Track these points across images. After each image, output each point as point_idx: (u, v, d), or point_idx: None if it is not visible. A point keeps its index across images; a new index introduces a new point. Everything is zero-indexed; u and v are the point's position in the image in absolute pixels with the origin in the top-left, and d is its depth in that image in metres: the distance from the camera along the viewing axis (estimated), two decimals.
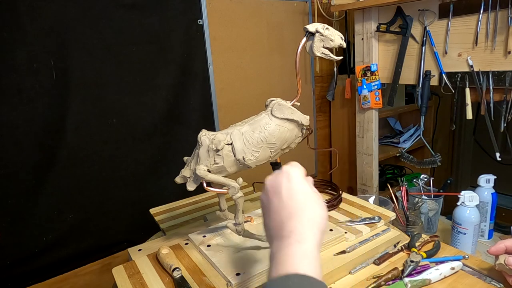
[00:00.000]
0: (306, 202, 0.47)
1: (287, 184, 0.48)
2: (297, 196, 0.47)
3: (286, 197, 0.47)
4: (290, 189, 0.48)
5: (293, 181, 0.48)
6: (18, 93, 1.15)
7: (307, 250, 0.43)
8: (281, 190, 0.48)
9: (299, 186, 0.48)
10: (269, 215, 0.49)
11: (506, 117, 1.19)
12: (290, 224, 0.45)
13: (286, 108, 0.74)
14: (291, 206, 0.46)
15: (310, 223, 0.45)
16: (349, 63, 1.95)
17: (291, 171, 0.50)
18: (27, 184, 1.20)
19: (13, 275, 1.22)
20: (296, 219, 0.45)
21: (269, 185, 0.50)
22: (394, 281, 0.71)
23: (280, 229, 0.45)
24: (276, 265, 0.42)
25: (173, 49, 1.45)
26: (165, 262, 0.74)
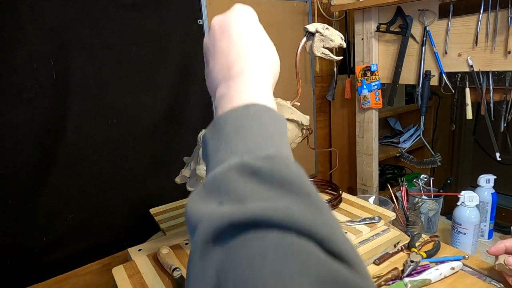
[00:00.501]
0: (259, 43, 0.41)
1: (238, 22, 0.42)
2: (250, 36, 0.41)
3: (236, 36, 0.40)
4: (242, 28, 0.41)
5: (246, 20, 0.42)
6: (18, 93, 1.15)
7: (262, 85, 0.37)
8: (230, 29, 0.41)
9: (252, 25, 0.42)
10: (215, 58, 0.41)
11: (506, 117, 1.19)
12: (241, 64, 0.38)
13: (286, 108, 0.74)
14: (242, 46, 0.40)
15: (263, 63, 0.40)
16: (349, 63, 1.95)
17: (244, 10, 0.43)
18: (27, 184, 1.20)
19: (13, 275, 1.22)
20: (247, 58, 0.39)
21: (217, 25, 0.43)
22: (394, 281, 0.71)
23: (228, 70, 0.39)
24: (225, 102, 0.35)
25: (173, 49, 1.45)
26: (165, 262, 0.74)
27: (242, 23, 0.42)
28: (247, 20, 0.42)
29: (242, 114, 0.32)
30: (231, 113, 0.32)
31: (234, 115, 0.32)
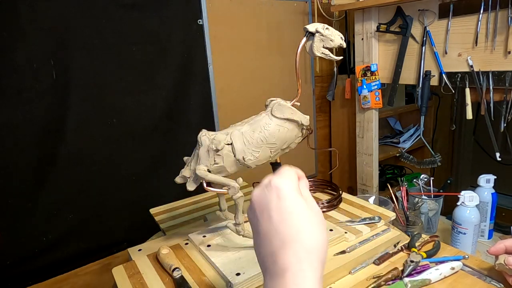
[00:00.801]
0: (301, 227, 0.39)
1: (277, 203, 0.40)
2: (291, 219, 0.39)
3: (277, 221, 0.39)
4: (282, 210, 0.39)
5: (285, 199, 0.40)
6: (18, 93, 1.15)
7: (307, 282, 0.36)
8: (270, 211, 0.40)
9: (292, 205, 0.40)
10: (259, 239, 0.41)
11: (506, 117, 1.19)
12: (284, 258, 0.37)
13: (286, 108, 0.74)
14: (284, 233, 0.38)
15: (308, 254, 0.37)
16: (349, 63, 1.95)
17: (282, 186, 0.41)
18: (27, 184, 1.20)
19: (13, 275, 1.22)
20: (291, 250, 0.37)
21: (256, 203, 0.42)
22: (394, 281, 0.71)
23: (273, 263, 0.38)
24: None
25: (173, 49, 1.45)
26: (165, 262, 0.74)
27: (282, 202, 0.40)
28: (287, 199, 0.40)
29: None
30: None
31: None
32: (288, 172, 0.43)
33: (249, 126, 0.74)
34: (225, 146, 0.71)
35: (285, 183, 0.41)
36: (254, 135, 0.72)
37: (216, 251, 0.77)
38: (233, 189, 0.71)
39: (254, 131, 0.72)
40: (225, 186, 0.72)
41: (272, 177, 0.42)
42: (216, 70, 1.60)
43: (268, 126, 0.73)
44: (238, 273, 0.68)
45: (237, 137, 0.72)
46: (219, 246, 0.79)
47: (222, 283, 0.69)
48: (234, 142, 0.72)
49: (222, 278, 0.70)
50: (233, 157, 0.72)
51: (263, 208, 0.41)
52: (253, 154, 0.72)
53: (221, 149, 0.71)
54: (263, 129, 0.72)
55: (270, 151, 0.74)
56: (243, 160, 0.72)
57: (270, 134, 0.72)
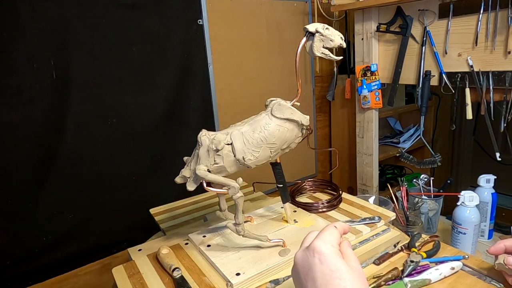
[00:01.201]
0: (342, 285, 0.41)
1: (320, 267, 0.42)
2: (333, 283, 0.41)
3: (321, 285, 0.41)
4: (325, 274, 0.42)
5: (327, 264, 0.42)
6: (18, 93, 1.15)
7: None
8: (314, 274, 0.42)
9: (332, 269, 0.42)
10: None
11: (506, 117, 1.19)
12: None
13: (286, 108, 0.74)
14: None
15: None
16: (349, 63, 1.95)
17: (323, 250, 0.43)
18: (27, 184, 1.20)
19: (13, 275, 1.22)
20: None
21: (300, 265, 0.45)
22: (394, 281, 0.71)
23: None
24: None
25: (173, 49, 1.45)
26: (165, 262, 0.74)
27: (324, 267, 0.42)
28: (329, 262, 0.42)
29: None
30: None
31: None
32: (329, 233, 0.45)
33: (249, 126, 0.74)
34: (225, 146, 0.71)
35: (326, 248, 0.43)
36: (254, 135, 0.72)
37: (216, 251, 0.77)
38: (233, 189, 0.71)
39: (254, 131, 0.72)
40: (225, 186, 0.72)
41: (314, 239, 0.45)
42: (216, 70, 1.60)
43: (268, 126, 0.73)
44: (238, 273, 0.68)
45: (237, 137, 0.72)
46: (219, 246, 0.79)
47: (222, 283, 0.69)
48: (234, 142, 0.72)
49: (222, 278, 0.70)
50: (233, 157, 0.72)
51: (307, 271, 0.43)
52: (253, 154, 0.72)
53: (221, 149, 0.71)
54: (263, 129, 0.72)
55: (270, 151, 0.74)
56: (243, 160, 0.72)
57: (270, 134, 0.72)
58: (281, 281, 0.69)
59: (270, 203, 1.02)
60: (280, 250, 0.75)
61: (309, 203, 0.96)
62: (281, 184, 0.85)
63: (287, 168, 0.86)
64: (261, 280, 0.69)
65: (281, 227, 0.85)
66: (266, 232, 0.81)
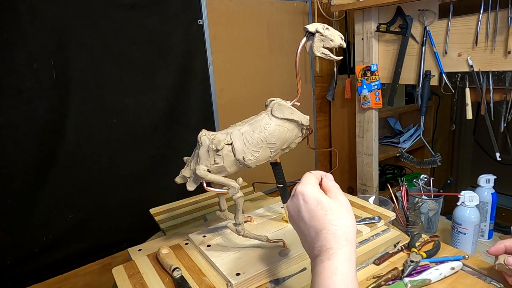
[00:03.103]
0: (327, 217, 0.48)
1: (304, 205, 0.49)
2: (317, 214, 0.48)
3: (308, 219, 0.49)
4: (309, 210, 0.49)
5: (309, 200, 0.49)
6: (18, 93, 1.15)
7: (337, 265, 0.45)
8: (302, 213, 0.50)
9: (316, 203, 0.49)
10: (301, 238, 0.52)
11: (506, 117, 1.19)
12: (317, 244, 0.47)
13: (286, 108, 0.74)
14: (314, 226, 0.48)
15: (335, 236, 0.46)
16: (349, 63, 1.95)
17: (305, 190, 0.50)
18: (27, 184, 1.20)
19: (13, 275, 1.22)
20: (322, 236, 0.47)
21: (291, 211, 0.52)
22: (394, 281, 0.71)
23: (311, 250, 0.48)
24: (313, 284, 0.46)
25: (173, 49, 1.45)
26: (165, 262, 0.74)
27: (307, 204, 0.49)
28: (310, 199, 0.49)
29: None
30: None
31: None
32: (307, 177, 0.53)
33: (249, 126, 0.74)
34: (225, 146, 0.71)
35: (306, 188, 0.50)
36: (254, 135, 0.72)
37: (216, 251, 0.77)
38: (233, 189, 0.71)
39: (254, 131, 0.72)
40: (225, 186, 0.72)
41: (295, 186, 0.52)
42: (216, 70, 1.60)
43: (268, 126, 0.73)
44: (238, 273, 0.68)
45: (237, 137, 0.72)
46: (219, 246, 0.79)
47: (222, 283, 0.69)
48: (234, 142, 0.72)
49: (222, 278, 0.70)
50: (233, 157, 0.72)
51: (297, 214, 0.51)
52: (253, 154, 0.72)
53: (221, 149, 0.71)
54: (263, 129, 0.72)
55: (270, 151, 0.74)
56: (243, 160, 0.72)
57: (270, 134, 0.72)
58: (281, 281, 0.69)
59: (270, 203, 1.02)
60: (280, 250, 0.75)
61: None
62: (281, 184, 0.85)
63: (287, 168, 0.86)
64: (261, 280, 0.69)
65: (281, 227, 0.85)
66: (266, 232, 0.81)
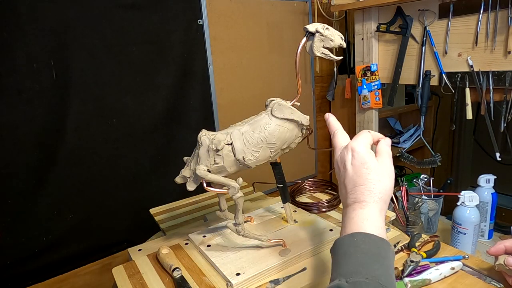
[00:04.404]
0: (368, 176, 0.52)
1: (352, 160, 0.54)
2: (360, 171, 0.52)
3: (351, 172, 0.53)
4: (354, 165, 0.53)
5: (357, 157, 0.54)
6: (18, 93, 1.15)
7: (369, 213, 0.49)
8: (346, 165, 0.54)
9: (362, 161, 0.53)
10: (340, 185, 0.56)
11: (506, 117, 1.19)
12: (354, 195, 0.52)
13: (286, 108, 0.74)
14: (355, 180, 0.53)
15: (371, 193, 0.51)
16: (349, 63, 1.95)
17: (356, 147, 0.54)
18: (27, 184, 1.21)
19: (13, 275, 1.22)
20: (359, 190, 0.52)
21: (339, 161, 0.56)
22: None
23: (345, 198, 0.53)
24: (343, 227, 0.51)
25: (173, 49, 1.45)
26: (165, 262, 0.74)
27: (355, 159, 0.54)
28: (358, 156, 0.54)
29: (348, 242, 0.48)
30: (342, 240, 0.49)
31: (343, 242, 0.48)
32: (363, 135, 0.57)
33: (249, 126, 0.74)
34: (225, 146, 0.71)
35: (358, 145, 0.55)
36: (254, 135, 0.72)
37: (216, 251, 0.77)
38: (233, 189, 0.71)
39: (254, 131, 0.72)
40: (225, 186, 0.72)
41: (350, 141, 0.57)
42: (216, 70, 1.60)
43: (268, 126, 0.73)
44: (238, 273, 0.68)
45: (237, 137, 0.72)
46: (219, 246, 0.79)
47: (222, 283, 0.69)
48: (234, 142, 0.72)
49: (222, 278, 0.70)
50: (233, 157, 0.72)
51: (343, 164, 0.55)
52: (253, 154, 0.72)
53: (221, 149, 0.71)
54: (263, 129, 0.72)
55: (270, 151, 0.74)
56: (243, 160, 0.72)
57: (270, 134, 0.72)
58: (281, 281, 0.69)
59: (270, 203, 1.02)
60: (280, 250, 0.75)
61: (309, 203, 0.96)
62: (281, 184, 0.85)
63: (287, 168, 0.86)
64: (261, 280, 0.69)
65: (281, 227, 0.85)
66: (266, 232, 0.81)
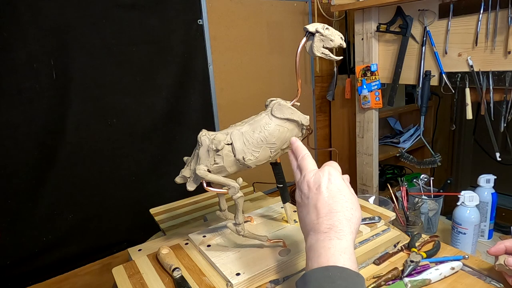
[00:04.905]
0: (344, 203, 0.51)
1: (328, 184, 0.52)
2: (337, 197, 0.51)
3: (326, 196, 0.51)
4: (331, 190, 0.52)
5: (334, 182, 0.52)
6: (18, 93, 1.15)
7: (345, 246, 0.47)
8: (321, 188, 0.52)
9: (339, 187, 0.52)
10: (308, 208, 0.53)
11: (506, 117, 1.19)
12: (330, 221, 0.49)
13: (286, 108, 0.74)
14: (331, 205, 0.50)
15: (347, 221, 0.49)
16: (349, 63, 1.95)
17: (332, 172, 0.54)
18: (27, 184, 1.20)
19: (13, 275, 1.22)
20: (335, 217, 0.49)
21: (312, 182, 0.54)
22: (394, 281, 0.71)
23: (318, 224, 0.50)
24: (315, 257, 0.47)
25: (173, 49, 1.45)
26: (165, 262, 0.74)
27: (331, 184, 0.52)
28: (335, 181, 0.53)
29: (322, 276, 0.44)
30: (313, 274, 0.45)
31: (315, 276, 0.45)
32: (335, 165, 0.57)
33: (249, 126, 0.74)
34: (225, 146, 0.71)
35: (335, 171, 0.54)
36: (254, 135, 0.72)
37: (216, 251, 0.77)
38: (233, 189, 0.71)
39: (254, 131, 0.72)
40: (225, 186, 0.72)
41: (326, 166, 0.56)
42: (216, 70, 1.60)
43: (268, 126, 0.73)
44: (238, 273, 0.68)
45: (237, 137, 0.72)
46: (219, 246, 0.79)
47: (222, 283, 0.69)
48: (234, 142, 0.72)
49: (222, 278, 0.70)
50: (233, 157, 0.72)
51: (316, 186, 0.53)
52: (253, 154, 0.72)
53: (221, 149, 0.71)
54: (263, 129, 0.72)
55: (270, 151, 0.74)
56: (243, 160, 0.72)
57: (270, 134, 0.72)
58: (281, 281, 0.69)
59: (270, 203, 1.02)
60: (280, 250, 0.75)
61: None
62: (281, 184, 0.85)
63: (287, 168, 0.86)
64: (261, 280, 0.69)
65: (281, 227, 0.85)
66: (266, 232, 0.81)
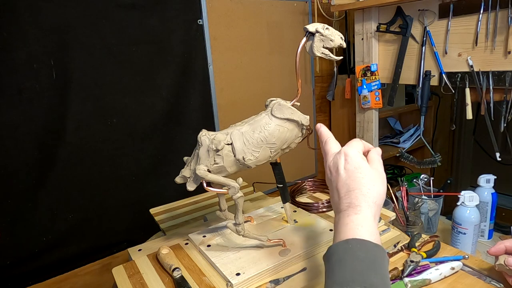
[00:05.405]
0: (360, 180, 0.52)
1: (345, 164, 0.54)
2: (354, 175, 0.53)
3: (344, 177, 0.53)
4: (348, 169, 0.54)
5: (352, 161, 0.54)
6: (18, 93, 1.15)
7: (363, 219, 0.49)
8: (339, 170, 0.54)
9: (355, 165, 0.54)
10: (332, 191, 0.56)
11: (506, 117, 1.19)
12: (347, 200, 0.52)
13: (286, 108, 0.74)
14: (348, 184, 0.53)
15: (365, 198, 0.51)
16: (349, 63, 1.95)
17: (350, 152, 0.55)
18: (27, 184, 1.20)
19: (13, 275, 1.22)
20: (353, 195, 0.52)
21: (331, 166, 0.57)
22: (394, 281, 0.71)
23: (340, 204, 0.53)
24: (337, 233, 0.51)
25: (173, 49, 1.45)
26: (165, 262, 0.74)
27: (348, 164, 0.54)
28: (352, 161, 0.54)
29: (343, 249, 0.47)
30: (336, 247, 0.48)
31: (338, 249, 0.48)
32: (355, 142, 0.58)
33: (249, 126, 0.74)
34: (225, 146, 0.71)
35: (351, 150, 0.55)
36: (254, 135, 0.72)
37: (216, 251, 0.77)
38: (233, 189, 0.71)
39: (254, 131, 0.72)
40: (225, 186, 0.72)
41: (343, 147, 0.57)
42: (216, 70, 1.60)
43: (268, 126, 0.73)
44: (238, 273, 0.68)
45: (237, 137, 0.72)
46: (219, 246, 0.79)
47: (222, 283, 0.69)
48: (234, 142, 0.72)
49: (222, 278, 0.70)
50: (233, 157, 0.72)
51: (335, 169, 0.55)
52: (253, 154, 0.72)
53: (221, 149, 0.71)
54: (263, 129, 0.72)
55: (270, 151, 0.74)
56: (243, 160, 0.72)
57: (270, 134, 0.72)
58: (281, 281, 0.69)
59: (270, 203, 1.02)
60: (280, 250, 0.75)
61: (309, 203, 0.96)
62: (281, 184, 0.85)
63: (287, 168, 0.86)
64: (261, 280, 0.69)
65: (281, 227, 0.85)
66: (266, 232, 0.81)
